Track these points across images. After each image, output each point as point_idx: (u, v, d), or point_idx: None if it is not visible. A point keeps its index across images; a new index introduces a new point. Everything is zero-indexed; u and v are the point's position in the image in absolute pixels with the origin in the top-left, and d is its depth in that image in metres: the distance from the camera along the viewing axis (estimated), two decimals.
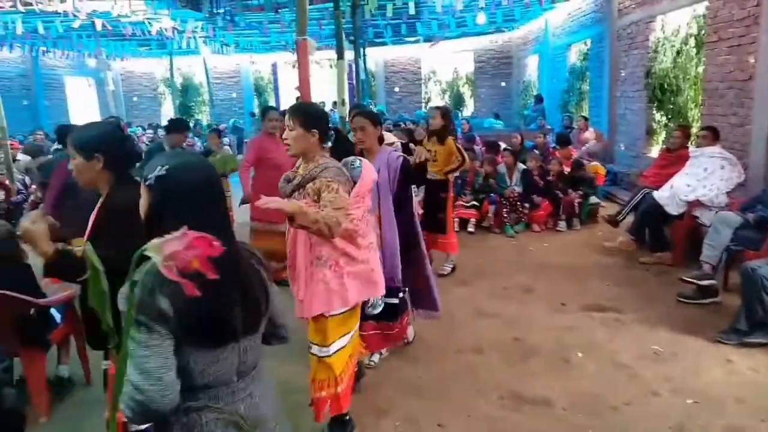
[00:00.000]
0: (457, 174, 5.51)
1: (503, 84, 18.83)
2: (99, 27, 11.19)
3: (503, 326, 4.20)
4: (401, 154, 3.43)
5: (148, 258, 0.94)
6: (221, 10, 11.19)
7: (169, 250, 0.82)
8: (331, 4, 7.66)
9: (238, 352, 1.40)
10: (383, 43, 17.54)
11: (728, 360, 3.51)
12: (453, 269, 5.50)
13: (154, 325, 1.22)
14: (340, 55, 5.41)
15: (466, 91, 20.12)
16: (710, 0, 6.58)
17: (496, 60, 18.92)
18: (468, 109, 19.42)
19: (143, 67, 20.31)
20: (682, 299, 4.48)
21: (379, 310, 3.09)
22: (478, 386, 3.35)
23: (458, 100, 19.84)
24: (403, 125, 9.92)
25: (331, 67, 15.65)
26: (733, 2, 6.05)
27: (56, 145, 7.25)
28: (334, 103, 9.74)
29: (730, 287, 4.55)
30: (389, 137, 4.73)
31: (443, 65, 20.21)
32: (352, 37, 10.56)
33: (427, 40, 17.39)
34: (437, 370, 3.57)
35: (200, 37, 14.41)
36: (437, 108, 5.39)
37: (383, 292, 2.81)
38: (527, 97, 16.38)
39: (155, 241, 0.82)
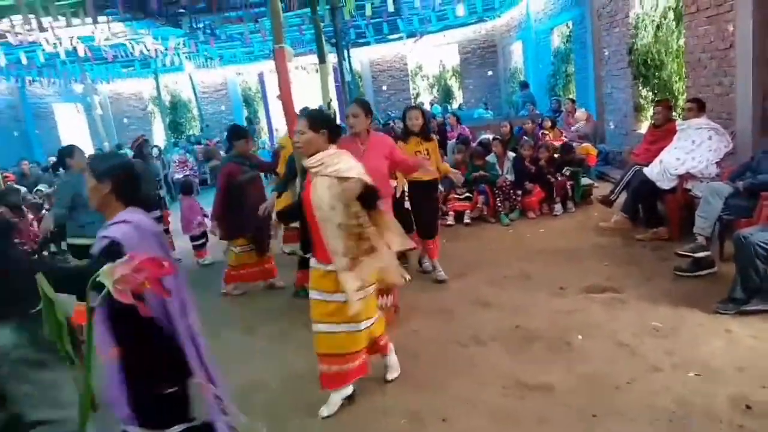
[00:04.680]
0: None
1: (490, 73, 18.81)
2: (81, 53, 11.19)
3: (503, 315, 4.21)
4: (112, 238, 1.79)
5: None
6: (201, 25, 11.16)
7: (119, 274, 0.83)
8: (309, 9, 7.65)
9: None
10: (366, 43, 17.52)
11: (727, 330, 3.52)
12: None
13: None
14: (322, 60, 5.43)
15: (453, 84, 20.10)
16: None
17: (481, 50, 18.89)
18: (457, 101, 19.40)
19: (131, 88, 20.27)
20: (679, 273, 4.48)
21: None
22: (481, 377, 3.36)
23: (447, 93, 19.83)
24: (392, 124, 9.90)
25: (316, 71, 15.67)
26: None
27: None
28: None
29: (726, 257, 4.54)
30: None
31: (429, 60, 20.17)
32: (334, 40, 10.54)
33: (410, 36, 17.37)
34: (439, 365, 3.58)
35: (183, 53, 14.39)
36: (414, 108, 5.09)
37: None
38: (515, 85, 16.36)
39: (106, 267, 0.83)
